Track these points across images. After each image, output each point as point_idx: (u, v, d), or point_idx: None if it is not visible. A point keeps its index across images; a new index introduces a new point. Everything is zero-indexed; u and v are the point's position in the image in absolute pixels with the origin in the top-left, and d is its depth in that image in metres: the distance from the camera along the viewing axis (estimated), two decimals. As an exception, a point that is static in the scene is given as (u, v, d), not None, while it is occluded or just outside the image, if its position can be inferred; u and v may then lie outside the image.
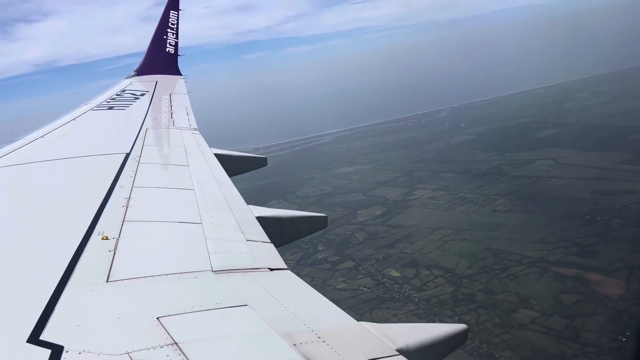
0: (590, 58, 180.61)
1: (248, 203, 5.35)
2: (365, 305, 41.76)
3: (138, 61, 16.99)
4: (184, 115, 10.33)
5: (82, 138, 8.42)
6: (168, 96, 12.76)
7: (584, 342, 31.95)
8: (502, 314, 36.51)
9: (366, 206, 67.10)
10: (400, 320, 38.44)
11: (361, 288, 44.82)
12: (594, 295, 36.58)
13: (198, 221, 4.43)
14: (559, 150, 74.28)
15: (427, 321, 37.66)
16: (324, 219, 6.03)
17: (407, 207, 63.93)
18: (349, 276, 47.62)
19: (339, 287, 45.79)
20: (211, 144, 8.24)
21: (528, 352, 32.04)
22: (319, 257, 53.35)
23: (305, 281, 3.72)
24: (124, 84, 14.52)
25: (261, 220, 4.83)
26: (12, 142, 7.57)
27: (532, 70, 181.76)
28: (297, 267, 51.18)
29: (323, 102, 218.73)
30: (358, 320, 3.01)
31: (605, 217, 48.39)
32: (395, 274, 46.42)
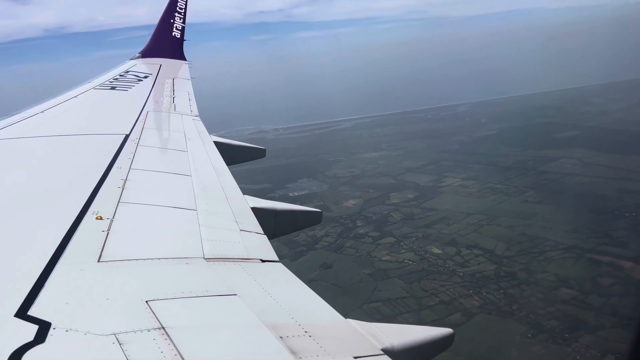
0: (604, 65, 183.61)
1: (280, 180, 6.40)
2: (412, 275, 45.41)
3: (147, 34, 16.93)
4: (186, 101, 10.39)
5: (82, 116, 8.42)
6: (171, 80, 12.79)
7: (621, 316, 35.75)
8: (544, 291, 40.30)
9: (398, 189, 70.53)
10: (448, 291, 42.30)
11: (406, 261, 48.42)
12: (628, 279, 40.45)
13: (193, 207, 4.46)
14: (581, 150, 77.72)
15: (475, 293, 41.46)
16: (318, 214, 6.09)
17: (439, 192, 67.45)
18: (392, 250, 51.14)
19: (384, 259, 49.34)
20: (225, 123, 9.36)
21: (572, 322, 35.93)
22: (360, 231, 56.80)
23: (350, 252, 5.06)
24: (128, 65, 14.58)
25: (256, 211, 4.85)
26: (11, 115, 7.49)
27: (547, 73, 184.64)
28: (339, 239, 54.68)
29: (339, 88, 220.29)
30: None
31: (633, 214, 52.17)
32: (437, 250, 50.05)
